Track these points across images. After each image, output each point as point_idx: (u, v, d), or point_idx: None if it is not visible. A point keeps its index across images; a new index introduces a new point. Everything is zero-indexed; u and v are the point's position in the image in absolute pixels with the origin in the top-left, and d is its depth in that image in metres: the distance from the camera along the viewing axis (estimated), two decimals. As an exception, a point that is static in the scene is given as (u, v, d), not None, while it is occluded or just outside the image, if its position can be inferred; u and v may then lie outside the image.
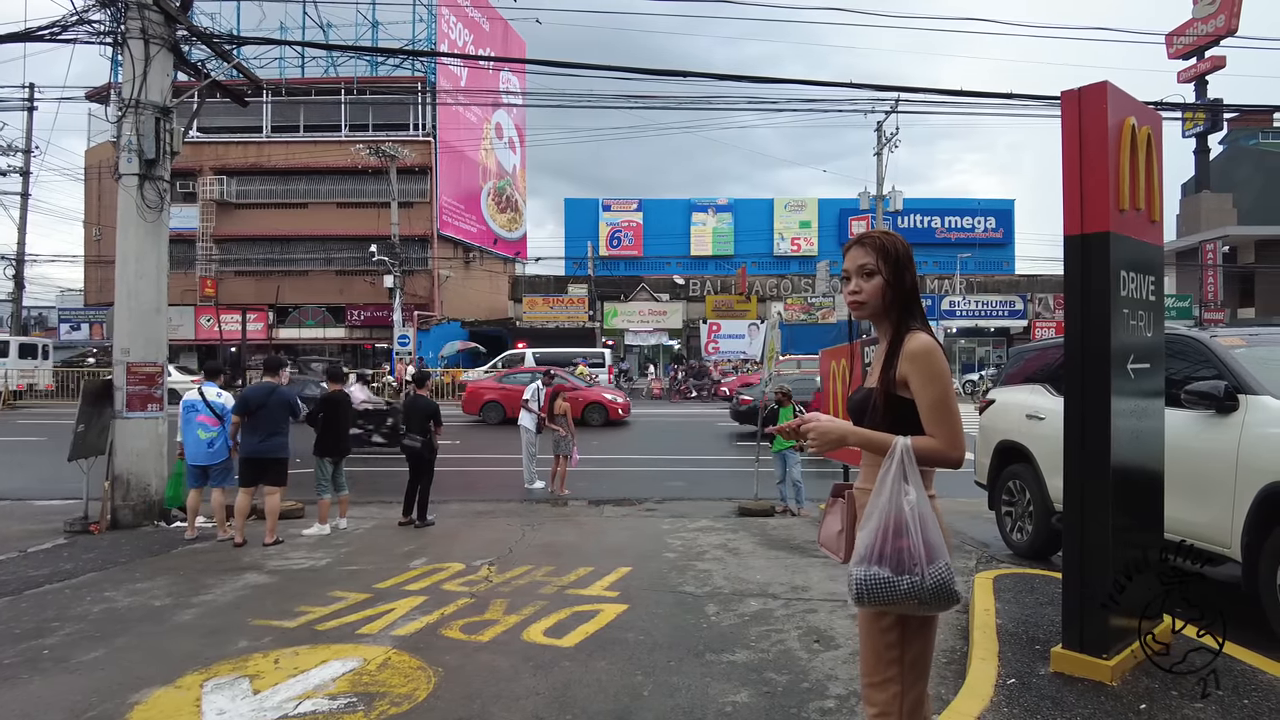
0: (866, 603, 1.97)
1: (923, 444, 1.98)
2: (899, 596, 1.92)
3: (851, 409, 2.25)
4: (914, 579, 1.91)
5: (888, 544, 1.94)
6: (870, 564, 1.94)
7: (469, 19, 40.45)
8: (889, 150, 27.90)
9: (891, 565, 1.92)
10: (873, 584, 1.93)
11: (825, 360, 8.74)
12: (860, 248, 2.19)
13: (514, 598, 5.31)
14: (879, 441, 2.02)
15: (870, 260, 2.15)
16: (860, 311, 2.20)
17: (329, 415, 7.72)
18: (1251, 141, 49.42)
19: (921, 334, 2.07)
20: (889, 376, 2.09)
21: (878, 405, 2.10)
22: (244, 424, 7.10)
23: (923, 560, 1.91)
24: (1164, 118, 5.08)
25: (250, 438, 7.08)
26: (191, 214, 35.27)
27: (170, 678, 3.94)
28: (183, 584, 5.82)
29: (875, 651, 2.06)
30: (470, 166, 40.68)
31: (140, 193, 8.11)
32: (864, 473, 2.20)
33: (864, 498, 2.12)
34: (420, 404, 8.39)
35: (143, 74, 8.02)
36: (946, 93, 12.29)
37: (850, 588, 1.99)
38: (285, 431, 7.21)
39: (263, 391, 7.19)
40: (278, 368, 7.60)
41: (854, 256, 2.20)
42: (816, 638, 4.43)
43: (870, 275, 2.15)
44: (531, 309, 36.85)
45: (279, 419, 7.14)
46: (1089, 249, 3.50)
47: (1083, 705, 3.21)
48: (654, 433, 18.47)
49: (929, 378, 2.01)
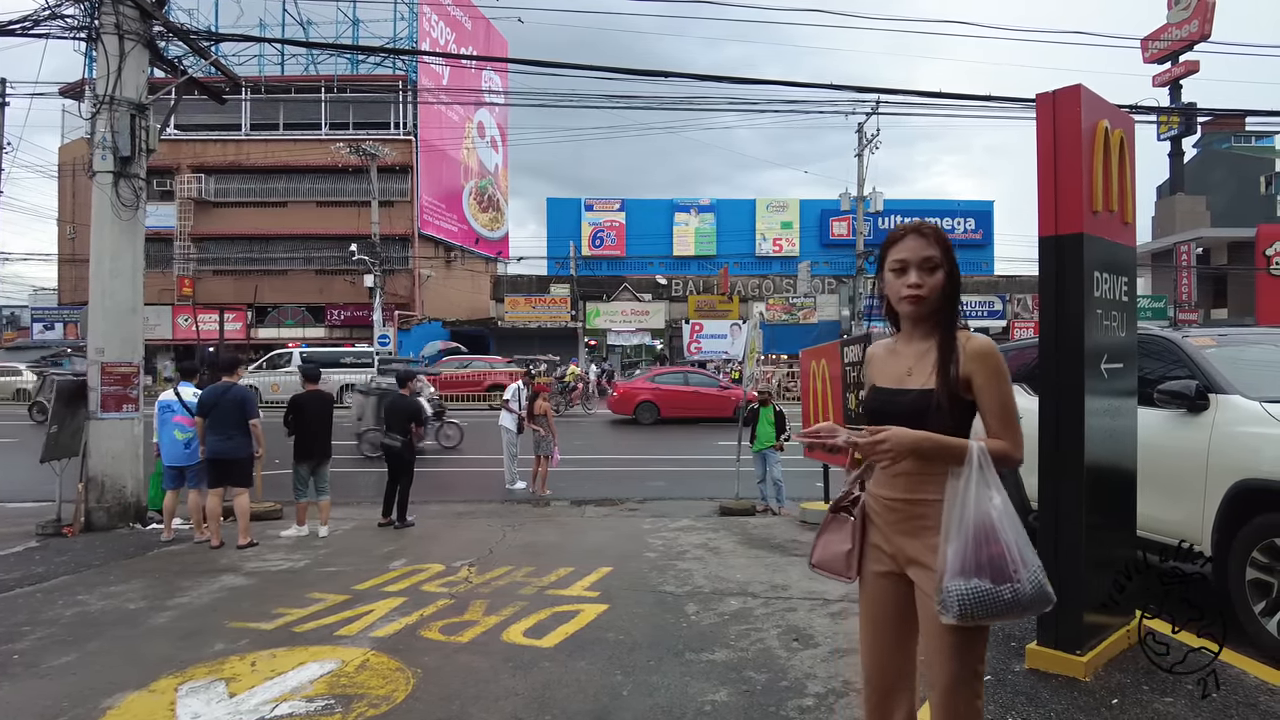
0: (971, 618, 1.83)
1: (995, 446, 1.92)
2: (1003, 606, 1.82)
3: (898, 412, 2.03)
4: (1016, 585, 1.81)
5: (982, 553, 1.83)
6: (970, 576, 1.82)
7: (451, 17, 40.27)
8: (870, 152, 28.09)
9: (991, 575, 1.82)
10: (977, 598, 1.81)
11: (806, 360, 8.79)
12: (921, 238, 2.05)
13: (494, 598, 5.29)
14: (954, 447, 1.91)
15: (936, 253, 2.03)
16: (917, 308, 2.05)
17: (299, 418, 7.58)
18: (1224, 145, 50.24)
19: (978, 334, 2.01)
20: (951, 377, 1.98)
21: (942, 407, 1.97)
22: (206, 425, 7.03)
23: (1020, 565, 1.83)
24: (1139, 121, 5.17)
25: (211, 438, 7.02)
26: (169, 212, 34.88)
27: (144, 681, 3.89)
28: (158, 586, 5.75)
29: (970, 668, 1.95)
30: (452, 165, 40.50)
31: (115, 190, 8.01)
32: (888, 480, 2.07)
33: (882, 505, 2.06)
34: (402, 404, 8.34)
35: (117, 70, 7.92)
36: (925, 94, 12.39)
37: (950, 606, 1.84)
38: (244, 430, 7.10)
39: (216, 392, 7.11)
40: (233, 366, 7.53)
41: (914, 247, 2.05)
42: (796, 636, 4.45)
43: (934, 269, 2.02)
44: (513, 309, 36.74)
45: (235, 418, 7.03)
46: (1063, 250, 3.55)
47: (1056, 701, 3.25)
48: (639, 433, 18.48)
49: (998, 378, 1.96)
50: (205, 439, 7.06)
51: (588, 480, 11.29)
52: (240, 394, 7.18)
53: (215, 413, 7.00)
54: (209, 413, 7.01)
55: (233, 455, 7.07)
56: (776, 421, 9.05)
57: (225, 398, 7.05)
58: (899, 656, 2.12)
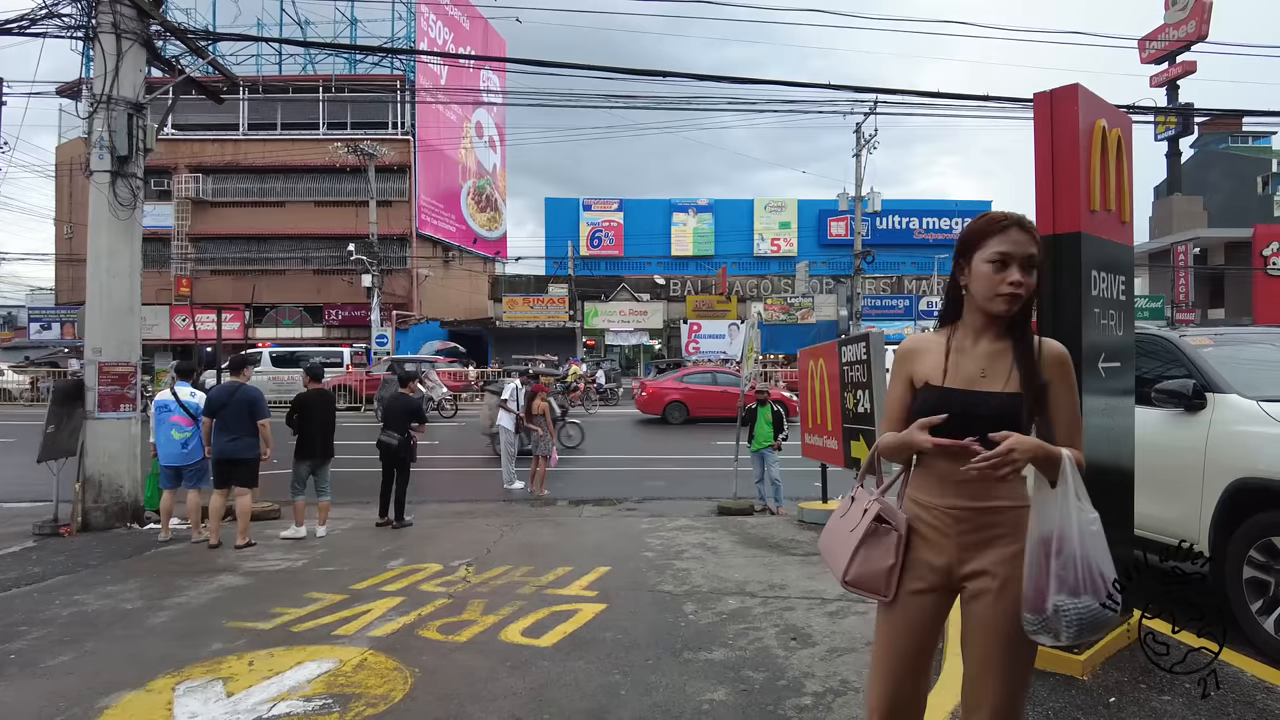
0: (1080, 638, 1.73)
1: (1076, 457, 1.80)
2: (1106, 624, 1.74)
3: (986, 415, 1.86)
4: (1114, 602, 1.73)
5: (1090, 569, 1.72)
6: (1081, 594, 1.70)
7: (449, 17, 40.24)
8: (868, 152, 28.09)
9: (1093, 592, 1.71)
10: (1091, 616, 1.71)
11: (804, 360, 8.79)
12: (1025, 233, 1.89)
13: (492, 598, 5.29)
14: (1056, 456, 1.78)
15: (1036, 251, 1.89)
16: (1010, 307, 1.89)
17: (303, 417, 7.59)
18: (1221, 145, 50.31)
19: (1048, 338, 1.93)
20: (1037, 383, 1.88)
21: (1031, 413, 1.87)
22: (215, 425, 7.04)
23: (1109, 581, 1.74)
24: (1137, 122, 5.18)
25: (219, 438, 7.03)
26: (166, 212, 34.81)
27: (141, 681, 3.88)
28: (155, 586, 5.74)
29: (1027, 686, 1.92)
30: (450, 165, 40.48)
31: (112, 190, 7.99)
32: (953, 487, 1.91)
33: (946, 515, 1.91)
34: (402, 402, 8.34)
35: (114, 69, 7.90)
36: (924, 94, 12.42)
37: (1058, 625, 1.71)
38: (252, 431, 7.11)
39: (225, 391, 7.12)
40: (241, 366, 7.53)
41: (1020, 242, 1.88)
42: (794, 635, 4.45)
43: (1033, 269, 1.88)
44: (511, 309, 36.72)
45: (243, 418, 7.05)
46: (1061, 249, 3.55)
47: (1054, 699, 3.25)
48: (634, 432, 18.48)
49: (1071, 386, 1.89)
50: (212, 439, 7.07)
51: (586, 480, 11.29)
52: (250, 394, 7.19)
53: (224, 413, 7.01)
54: (217, 412, 7.01)
55: (240, 455, 7.08)
56: (774, 421, 9.05)
57: (235, 398, 7.06)
58: (916, 684, 2.00)
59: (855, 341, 7.09)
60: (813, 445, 8.38)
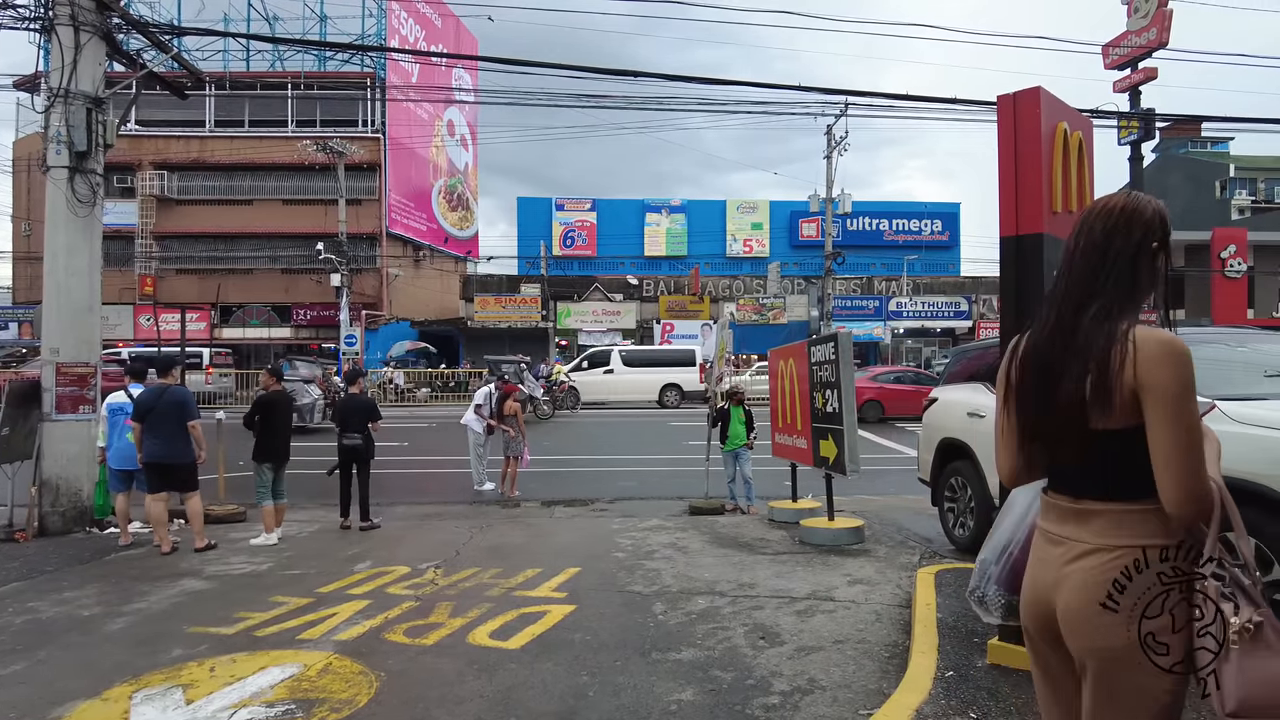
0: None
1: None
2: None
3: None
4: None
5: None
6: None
7: (420, 15, 39.91)
8: (838, 154, 28.32)
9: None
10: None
11: (774, 360, 8.84)
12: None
13: (460, 600, 5.24)
14: None
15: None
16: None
17: (265, 417, 7.40)
18: (1181, 150, 51.49)
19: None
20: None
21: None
22: (143, 429, 6.84)
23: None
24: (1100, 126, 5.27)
25: (149, 442, 6.82)
26: (129, 209, 34.12)
27: (97, 690, 3.79)
28: (114, 592, 5.62)
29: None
30: (421, 164, 40.13)
31: (71, 186, 7.81)
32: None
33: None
34: (356, 402, 8.25)
35: (72, 63, 7.73)
36: (892, 97, 12.54)
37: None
38: (184, 434, 6.90)
39: (152, 394, 6.93)
40: (169, 367, 7.38)
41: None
42: (762, 634, 4.46)
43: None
44: (483, 309, 36.45)
45: (172, 421, 6.84)
46: (1023, 250, 3.60)
47: (1016, 695, 3.29)
48: (610, 432, 18.45)
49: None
50: (142, 443, 6.86)
51: (558, 481, 11.25)
52: (178, 396, 7.00)
53: (152, 416, 6.80)
54: (145, 416, 6.82)
55: (172, 459, 6.88)
56: (747, 420, 9.08)
57: (163, 400, 6.86)
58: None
59: (824, 341, 7.13)
60: (783, 445, 8.42)
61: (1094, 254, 1.67)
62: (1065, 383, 1.62)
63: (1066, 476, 1.68)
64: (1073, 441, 1.63)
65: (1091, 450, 1.61)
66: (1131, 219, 1.66)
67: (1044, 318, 1.72)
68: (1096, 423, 1.58)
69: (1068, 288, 1.69)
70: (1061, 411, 1.62)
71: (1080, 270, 1.68)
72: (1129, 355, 1.54)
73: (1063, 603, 1.60)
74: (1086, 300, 1.65)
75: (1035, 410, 1.69)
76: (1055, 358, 1.65)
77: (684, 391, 26.29)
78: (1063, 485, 1.68)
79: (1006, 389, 1.78)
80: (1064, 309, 1.68)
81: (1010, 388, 1.75)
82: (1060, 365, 1.64)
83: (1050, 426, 1.66)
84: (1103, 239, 1.66)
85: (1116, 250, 1.65)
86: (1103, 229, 1.67)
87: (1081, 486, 1.64)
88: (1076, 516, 1.63)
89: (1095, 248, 1.67)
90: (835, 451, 6.79)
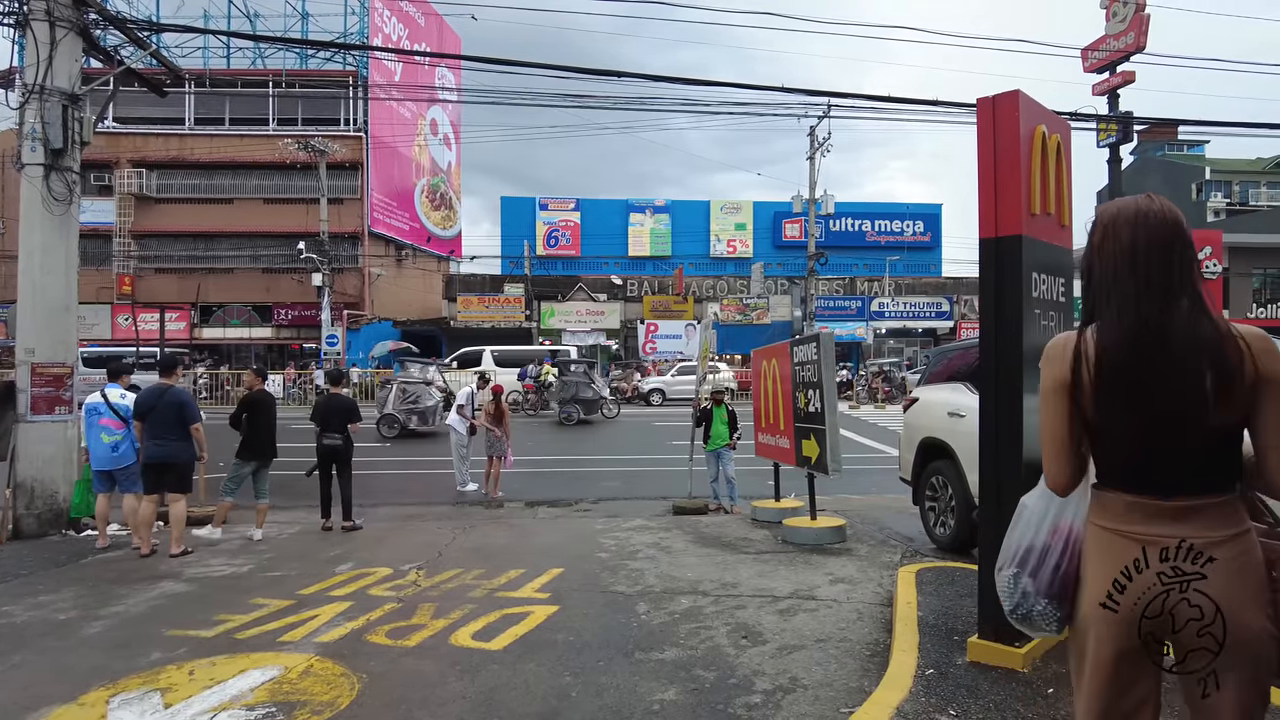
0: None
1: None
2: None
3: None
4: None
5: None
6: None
7: (403, 13, 39.70)
8: (821, 155, 28.45)
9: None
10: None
11: (757, 360, 8.87)
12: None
13: (442, 602, 5.22)
14: None
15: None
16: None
17: (253, 416, 7.40)
18: (1158, 153, 52.17)
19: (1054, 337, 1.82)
20: None
21: None
22: (144, 428, 6.80)
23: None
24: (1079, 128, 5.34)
25: (147, 442, 6.78)
26: (107, 208, 33.70)
27: (73, 694, 3.74)
28: (91, 595, 5.55)
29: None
30: (403, 163, 39.92)
31: (46, 184, 7.71)
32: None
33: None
34: (337, 402, 8.20)
35: (48, 58, 7.62)
36: (875, 98, 12.60)
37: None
38: (183, 435, 6.86)
39: (153, 394, 6.87)
40: (172, 368, 7.31)
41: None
42: (745, 634, 4.48)
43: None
44: (466, 308, 36.32)
45: (172, 421, 6.80)
46: (1003, 251, 3.63)
47: (995, 692, 3.33)
48: (593, 433, 18.44)
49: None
50: (141, 443, 6.83)
51: (542, 481, 11.23)
52: (179, 397, 6.95)
53: (152, 416, 6.77)
54: (146, 415, 6.78)
55: (170, 460, 6.83)
56: (729, 420, 9.11)
57: (163, 400, 6.81)
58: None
59: (806, 342, 7.17)
60: (765, 444, 8.45)
61: (1160, 250, 1.66)
62: (1179, 382, 1.59)
63: (1154, 475, 1.64)
64: (1180, 439, 1.61)
65: (1199, 447, 1.61)
66: (1180, 217, 1.71)
67: (1117, 317, 1.66)
68: (1213, 419, 1.58)
69: (1144, 285, 1.65)
70: (1176, 410, 1.59)
71: (1153, 267, 1.66)
72: (1244, 350, 1.56)
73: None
74: (1171, 297, 1.63)
75: (1141, 411, 1.62)
76: (1157, 357, 1.61)
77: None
78: (1145, 484, 1.64)
79: (1073, 393, 1.69)
80: (1146, 307, 1.64)
81: (1091, 391, 1.66)
82: (1167, 365, 1.60)
83: (1160, 426, 1.61)
84: (1169, 235, 1.67)
85: (1184, 245, 1.67)
86: (1160, 225, 1.68)
87: (1176, 484, 1.62)
88: (1172, 514, 1.61)
89: (1160, 244, 1.67)
90: (818, 451, 6.82)
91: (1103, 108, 20.64)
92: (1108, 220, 1.74)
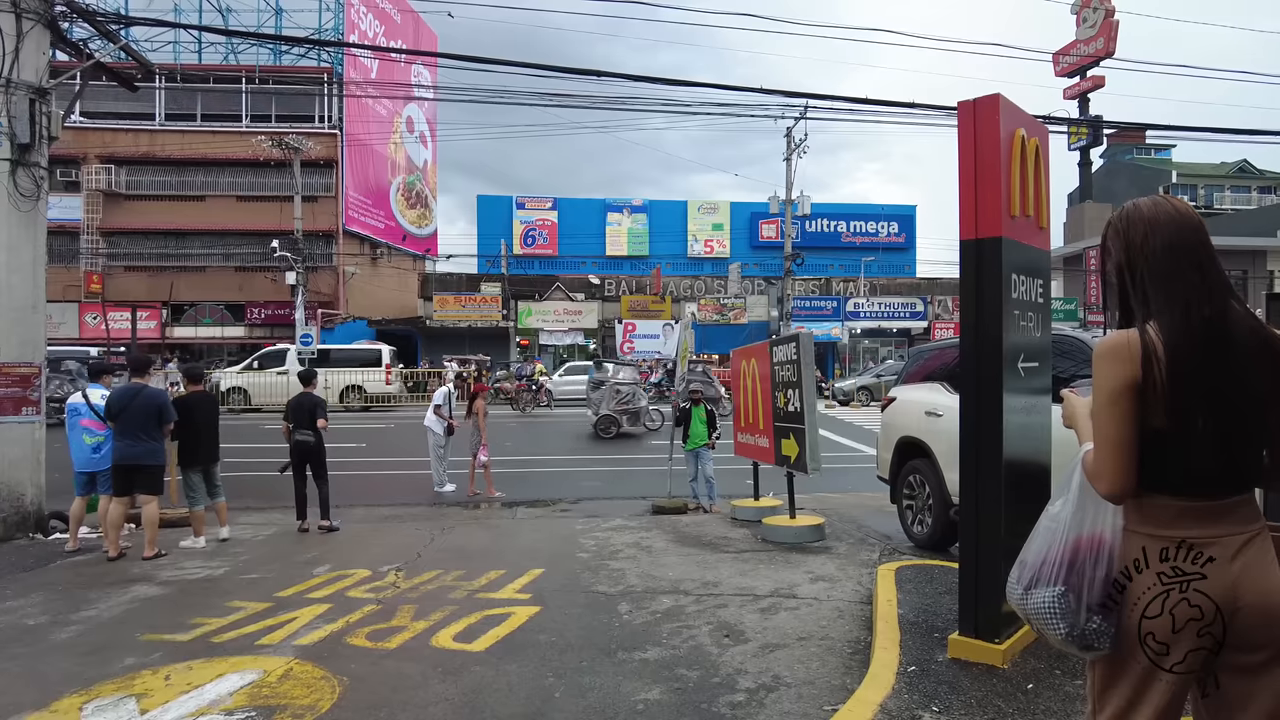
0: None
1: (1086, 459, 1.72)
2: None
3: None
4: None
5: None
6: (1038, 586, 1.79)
7: (380, 10, 39.31)
8: (798, 156, 28.62)
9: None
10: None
11: (736, 360, 8.90)
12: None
13: (422, 603, 5.19)
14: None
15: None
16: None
17: (185, 421, 7.15)
18: (1127, 157, 53.09)
19: (1107, 336, 1.74)
20: None
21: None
22: (114, 429, 6.67)
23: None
24: (1051, 131, 5.41)
25: (118, 443, 6.65)
26: (74, 204, 32.99)
27: (44, 701, 3.66)
28: (61, 600, 5.44)
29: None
30: (379, 160, 39.54)
31: (13, 180, 7.54)
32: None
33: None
34: (307, 400, 8.12)
35: (14, 51, 7.46)
36: (853, 100, 12.70)
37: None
38: (155, 436, 6.75)
39: (126, 394, 6.74)
40: (144, 367, 7.18)
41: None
42: (727, 633, 4.49)
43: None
44: (443, 308, 36.08)
45: (146, 422, 6.67)
46: (983, 252, 3.67)
47: (976, 688, 3.36)
48: (572, 434, 18.39)
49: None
50: (112, 444, 6.70)
51: (521, 481, 11.18)
52: (156, 398, 6.82)
53: (124, 416, 6.64)
54: (118, 416, 6.65)
55: (142, 461, 6.70)
56: (708, 420, 9.14)
57: (137, 401, 6.69)
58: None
59: (786, 342, 7.20)
60: (745, 444, 8.49)
61: (1206, 248, 1.67)
62: (1247, 381, 1.59)
63: (1216, 476, 1.61)
64: (1244, 439, 1.61)
65: (1256, 446, 1.63)
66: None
67: (1184, 316, 1.61)
68: (1273, 417, 1.61)
69: (1209, 284, 1.64)
70: (1244, 410, 1.59)
71: (1210, 265, 1.65)
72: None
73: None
74: (1231, 295, 1.64)
75: (1215, 412, 1.58)
76: (1225, 355, 1.59)
77: (368, 394, 24.97)
78: (1204, 486, 1.61)
79: (1141, 394, 1.61)
80: (1212, 305, 1.62)
81: (1164, 392, 1.58)
82: (1235, 364, 1.59)
83: (1230, 426, 1.59)
84: (1205, 236, 1.69)
85: (1209, 247, 1.69)
86: (1197, 226, 1.69)
87: (1226, 483, 1.61)
88: (1217, 514, 1.60)
89: (1204, 243, 1.68)
90: (797, 450, 6.86)
91: (1074, 112, 20.97)
92: (1148, 218, 1.71)
